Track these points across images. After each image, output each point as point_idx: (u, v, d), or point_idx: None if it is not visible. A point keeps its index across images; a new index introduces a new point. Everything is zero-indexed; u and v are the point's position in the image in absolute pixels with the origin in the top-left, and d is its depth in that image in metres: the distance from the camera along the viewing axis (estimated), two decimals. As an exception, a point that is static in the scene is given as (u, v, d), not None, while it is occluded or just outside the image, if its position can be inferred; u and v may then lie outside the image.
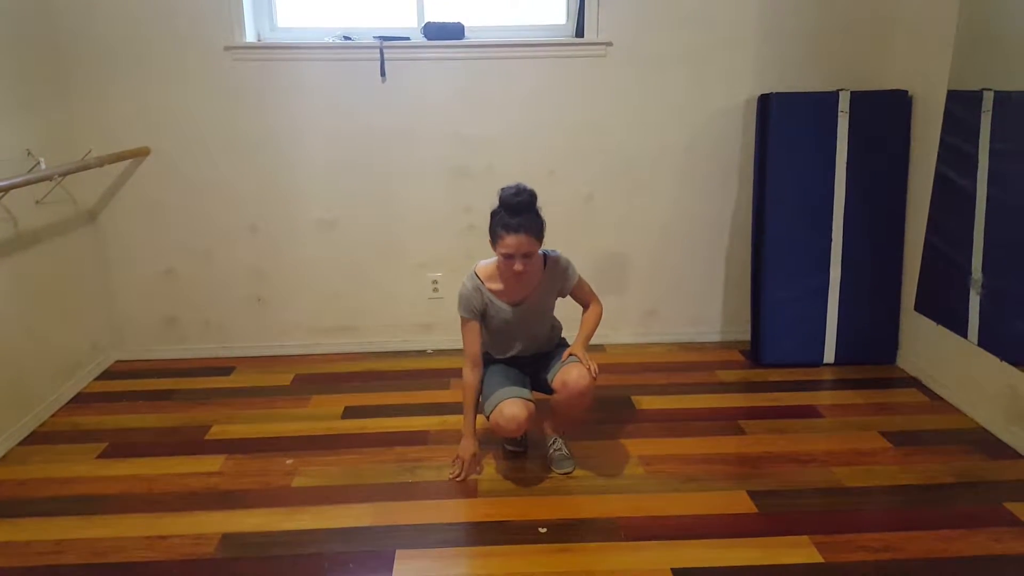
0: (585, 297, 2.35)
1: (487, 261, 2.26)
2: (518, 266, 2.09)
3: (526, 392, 2.23)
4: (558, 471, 2.30)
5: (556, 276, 2.27)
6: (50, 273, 2.80)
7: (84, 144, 2.92)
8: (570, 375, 2.16)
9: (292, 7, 3.12)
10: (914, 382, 2.94)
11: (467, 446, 2.29)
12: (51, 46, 2.85)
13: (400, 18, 3.11)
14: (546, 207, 2.17)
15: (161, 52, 2.94)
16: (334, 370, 3.15)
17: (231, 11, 2.92)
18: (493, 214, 2.14)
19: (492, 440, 2.49)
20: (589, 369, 2.16)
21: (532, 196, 2.12)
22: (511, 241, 2.07)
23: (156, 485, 2.29)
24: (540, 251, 2.20)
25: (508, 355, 2.34)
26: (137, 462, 2.42)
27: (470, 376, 2.27)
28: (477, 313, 2.25)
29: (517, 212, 2.08)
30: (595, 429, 2.58)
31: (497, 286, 2.23)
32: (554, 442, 2.36)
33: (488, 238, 2.17)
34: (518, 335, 2.30)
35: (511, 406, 2.15)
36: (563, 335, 2.46)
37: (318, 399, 2.87)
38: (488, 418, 2.21)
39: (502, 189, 2.13)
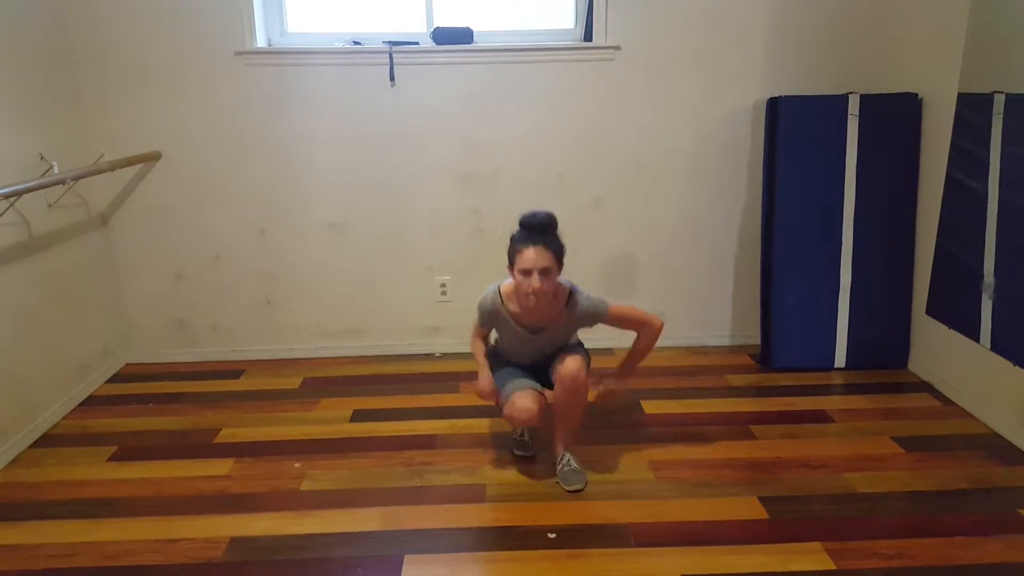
0: (631, 324, 2.29)
1: (510, 280, 2.21)
2: (535, 282, 2.05)
3: (538, 385, 2.25)
4: (568, 488, 2.25)
5: (576, 316, 2.21)
6: (62, 276, 2.82)
7: (96, 148, 2.94)
8: (562, 363, 2.17)
9: (302, 13, 3.14)
10: (926, 387, 2.92)
11: (484, 379, 2.30)
12: (64, 52, 2.87)
13: (409, 23, 3.12)
14: (555, 210, 2.17)
15: (173, 58, 2.96)
16: (343, 373, 3.15)
17: (242, 17, 2.93)
18: (512, 237, 2.16)
19: (501, 444, 2.49)
20: (584, 368, 2.19)
21: (550, 217, 2.13)
22: (529, 254, 2.06)
23: (165, 488, 2.29)
24: (567, 285, 2.19)
25: (519, 363, 2.35)
26: (147, 465, 2.43)
27: (477, 341, 2.36)
28: (488, 324, 2.30)
29: (534, 230, 2.11)
30: (604, 434, 2.57)
31: (514, 308, 2.23)
32: (563, 458, 2.32)
33: (507, 264, 2.15)
34: (531, 355, 2.32)
35: (523, 398, 2.16)
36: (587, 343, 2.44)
37: (327, 402, 2.88)
38: (502, 411, 2.23)
39: (521, 214, 2.15)
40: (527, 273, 2.07)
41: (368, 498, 2.22)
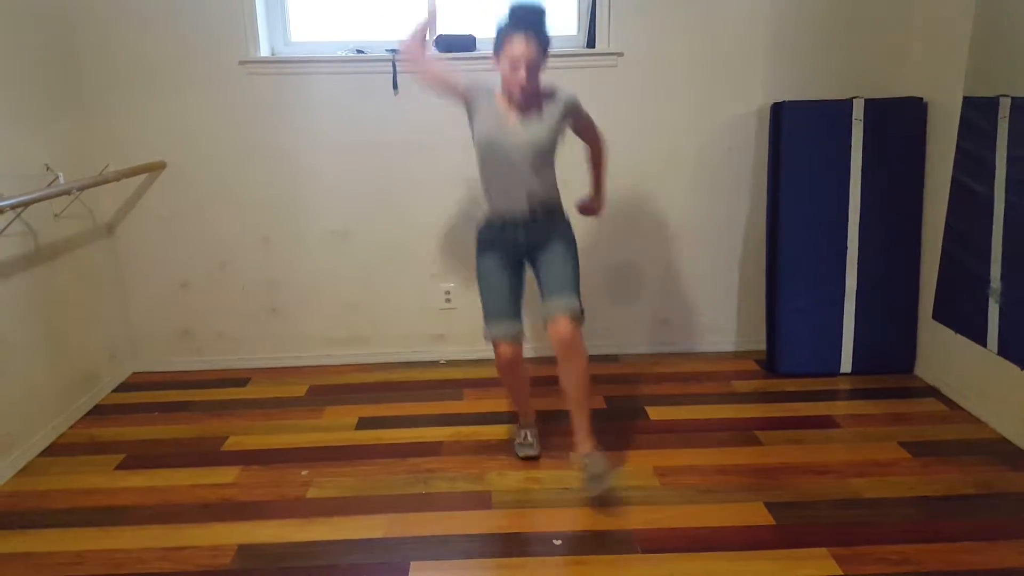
0: (590, 130, 2.31)
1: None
2: (522, 76, 1.99)
3: (518, 322, 2.23)
4: (590, 493, 2.13)
5: (557, 106, 2.14)
6: (68, 286, 2.84)
7: (102, 158, 2.96)
8: (554, 325, 2.11)
9: (305, 22, 3.16)
10: (933, 392, 2.90)
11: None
12: (69, 62, 2.90)
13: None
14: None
15: (177, 68, 2.98)
16: (348, 381, 3.16)
17: (246, 26, 2.95)
18: (498, 25, 2.05)
19: (506, 451, 2.49)
20: (577, 328, 2.11)
21: (542, 9, 2.05)
22: (518, 41, 1.98)
23: (173, 496, 2.30)
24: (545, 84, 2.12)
25: (503, 207, 2.19)
26: (154, 473, 2.44)
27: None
28: (472, 91, 2.16)
29: (526, 20, 2.02)
30: (609, 440, 2.56)
31: (501, 98, 2.15)
32: (587, 458, 2.16)
33: (492, 54, 2.08)
34: (498, 167, 2.15)
35: (504, 349, 2.20)
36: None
37: (332, 410, 2.88)
38: (485, 338, 2.26)
39: (511, 2, 2.05)
40: (515, 64, 2.00)
41: (374, 505, 2.22)
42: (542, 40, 2.04)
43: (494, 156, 2.15)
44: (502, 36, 2.04)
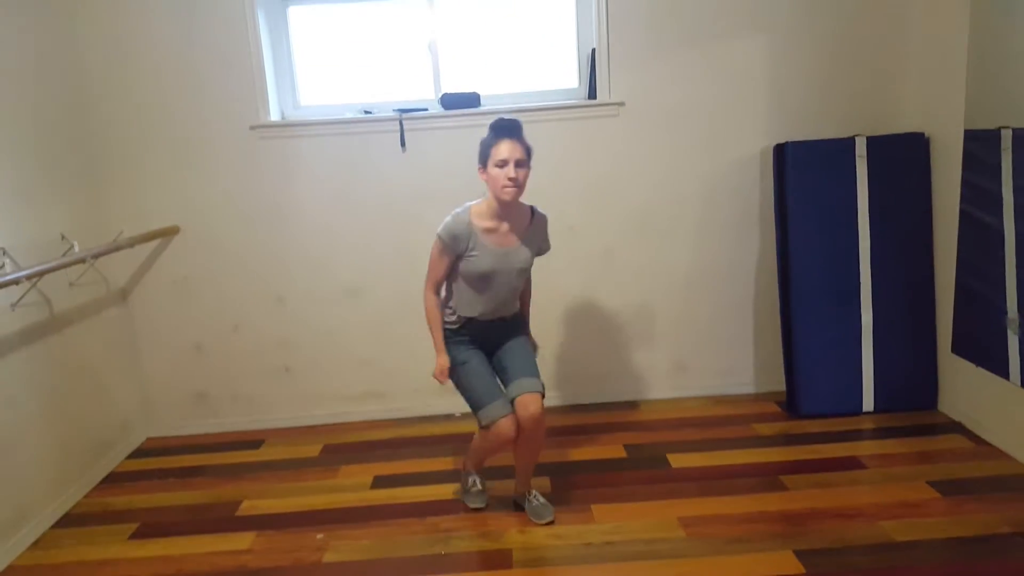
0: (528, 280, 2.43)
1: (477, 201, 2.26)
2: (511, 172, 2.11)
3: (508, 404, 2.24)
4: (540, 521, 2.34)
5: (539, 231, 2.33)
6: (83, 353, 2.85)
7: (116, 225, 3.01)
8: (524, 403, 2.21)
9: (313, 86, 3.25)
10: (958, 427, 2.84)
11: (443, 362, 2.33)
12: (83, 132, 2.97)
13: (418, 91, 3.21)
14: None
15: (190, 134, 3.05)
16: (363, 438, 3.13)
17: (256, 92, 3.04)
18: (482, 140, 2.21)
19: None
20: (543, 405, 2.24)
21: (519, 122, 2.19)
22: (505, 146, 2.13)
23: (187, 565, 2.26)
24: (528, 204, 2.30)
25: (470, 314, 2.31)
26: (168, 542, 2.40)
27: (433, 298, 2.33)
28: (456, 248, 2.23)
29: (507, 129, 2.16)
30: (632, 491, 2.51)
31: (486, 224, 2.22)
32: (530, 495, 2.42)
33: (479, 167, 2.21)
34: (490, 288, 2.26)
35: (508, 427, 2.20)
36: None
37: (347, 469, 2.84)
38: (480, 425, 2.26)
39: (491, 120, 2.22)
40: (504, 164, 2.12)
41: (392, 569, 2.17)
42: (524, 144, 2.19)
43: (487, 281, 2.26)
44: (487, 146, 2.19)
